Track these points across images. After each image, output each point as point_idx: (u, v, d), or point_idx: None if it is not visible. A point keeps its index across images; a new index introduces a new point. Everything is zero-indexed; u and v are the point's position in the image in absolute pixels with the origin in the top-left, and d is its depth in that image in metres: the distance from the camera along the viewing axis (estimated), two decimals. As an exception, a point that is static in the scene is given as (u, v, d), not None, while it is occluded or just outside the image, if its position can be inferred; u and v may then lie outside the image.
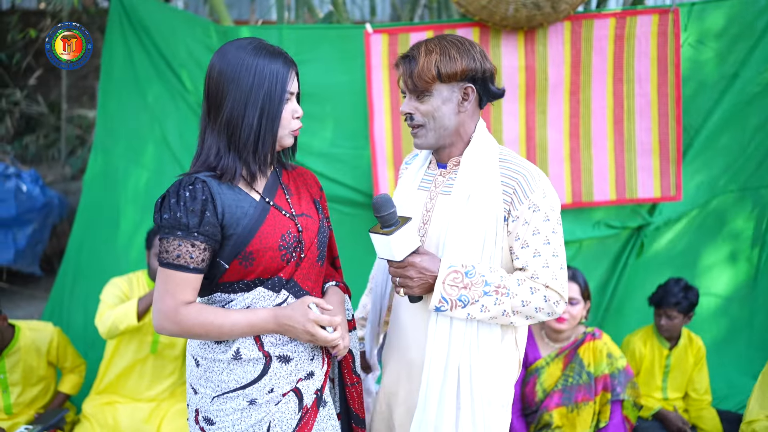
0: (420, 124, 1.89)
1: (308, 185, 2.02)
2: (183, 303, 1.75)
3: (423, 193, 1.99)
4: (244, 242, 1.77)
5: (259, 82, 1.75)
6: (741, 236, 3.96)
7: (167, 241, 1.74)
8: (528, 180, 1.87)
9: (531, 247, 1.84)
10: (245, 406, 1.81)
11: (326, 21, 4.91)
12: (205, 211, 1.73)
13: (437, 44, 1.86)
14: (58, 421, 3.27)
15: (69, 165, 6.57)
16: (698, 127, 3.73)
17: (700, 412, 3.51)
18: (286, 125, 1.82)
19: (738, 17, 3.63)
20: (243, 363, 1.81)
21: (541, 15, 3.37)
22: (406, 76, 1.86)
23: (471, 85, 1.88)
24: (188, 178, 1.75)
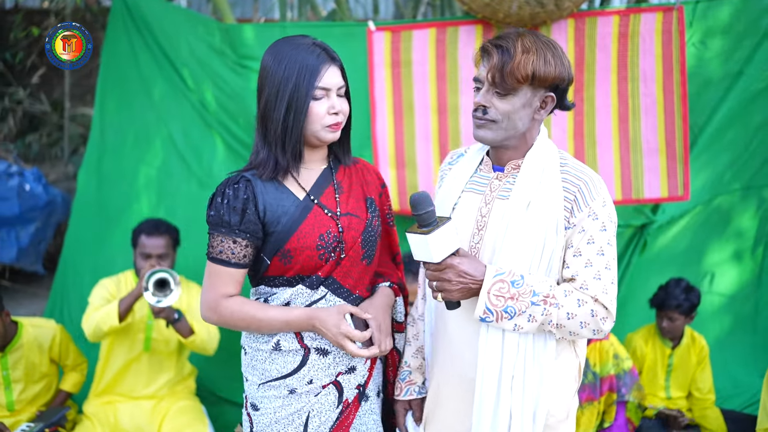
0: (493, 120, 1.77)
1: (365, 182, 2.02)
2: (224, 295, 1.86)
3: (475, 197, 1.88)
4: (283, 240, 1.84)
5: (288, 75, 1.80)
6: (745, 234, 3.95)
7: (212, 236, 1.84)
8: (590, 187, 1.78)
9: (584, 256, 1.75)
10: (286, 395, 1.89)
11: (329, 19, 4.91)
12: (246, 209, 1.81)
13: (534, 43, 1.74)
14: (60, 419, 3.27)
15: (72, 164, 6.56)
16: (702, 125, 3.72)
17: (704, 412, 3.50)
18: (317, 120, 1.83)
19: (743, 15, 3.62)
20: (283, 354, 1.89)
21: (544, 12, 3.35)
22: (496, 68, 1.72)
23: (553, 94, 1.78)
24: (234, 177, 1.85)
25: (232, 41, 3.87)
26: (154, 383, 3.41)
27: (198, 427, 3.26)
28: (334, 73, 1.85)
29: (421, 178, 3.69)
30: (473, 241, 1.85)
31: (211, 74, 3.94)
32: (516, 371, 1.78)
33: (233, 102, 3.93)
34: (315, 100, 1.82)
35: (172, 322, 3.17)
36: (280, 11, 4.76)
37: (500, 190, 1.84)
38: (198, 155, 4.04)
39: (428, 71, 3.61)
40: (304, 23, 4.45)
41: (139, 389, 3.40)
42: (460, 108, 3.62)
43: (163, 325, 3.29)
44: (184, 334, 3.21)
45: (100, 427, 3.30)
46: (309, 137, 1.87)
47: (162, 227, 3.38)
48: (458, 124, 3.63)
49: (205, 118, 4.00)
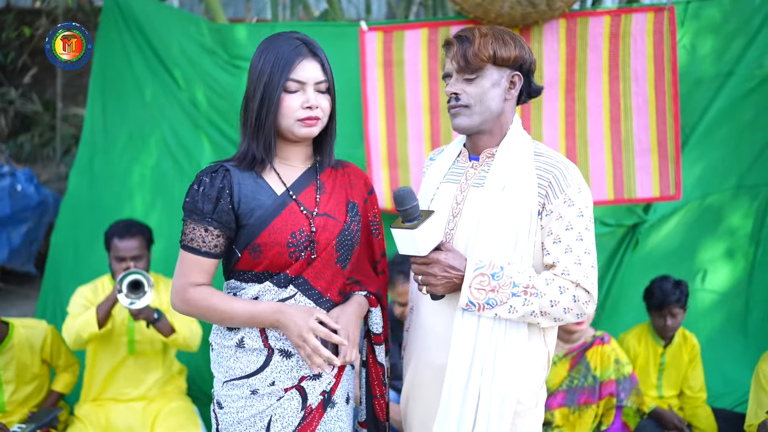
0: (465, 105, 1.85)
1: (351, 185, 1.99)
2: (192, 284, 1.83)
3: (452, 186, 1.94)
4: (254, 233, 1.81)
5: (264, 67, 1.79)
6: (737, 233, 3.97)
7: (185, 223, 1.83)
8: (564, 174, 1.83)
9: (563, 242, 1.79)
10: (248, 395, 1.85)
11: (322, 19, 4.91)
12: (220, 198, 1.79)
13: (490, 29, 1.85)
14: (52, 419, 3.25)
15: (64, 164, 6.54)
16: (694, 124, 3.74)
17: (695, 410, 3.51)
18: (289, 113, 1.80)
19: (733, 15, 3.64)
20: (246, 352, 1.85)
21: (536, 13, 3.36)
22: (459, 55, 1.83)
23: (518, 73, 1.87)
24: (213, 166, 1.84)
25: (224, 41, 3.87)
26: (143, 384, 3.39)
27: (190, 428, 3.25)
28: (312, 67, 1.81)
29: (414, 178, 3.69)
30: (448, 227, 1.90)
31: (203, 74, 3.94)
32: (487, 356, 1.82)
33: (225, 101, 3.93)
34: (289, 93, 1.80)
35: (152, 322, 3.15)
36: (272, 11, 4.76)
37: (475, 178, 1.90)
38: (189, 155, 4.04)
39: (420, 71, 3.62)
40: (296, 23, 4.45)
41: (129, 391, 3.38)
42: (452, 108, 3.62)
43: (145, 326, 3.28)
44: (165, 333, 3.20)
45: (92, 428, 3.28)
46: (284, 131, 1.84)
47: (134, 228, 3.33)
48: (450, 123, 3.63)
49: (196, 117, 3.99)
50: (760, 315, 4.05)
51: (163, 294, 3.39)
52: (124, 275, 3.02)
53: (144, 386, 3.38)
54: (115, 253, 3.29)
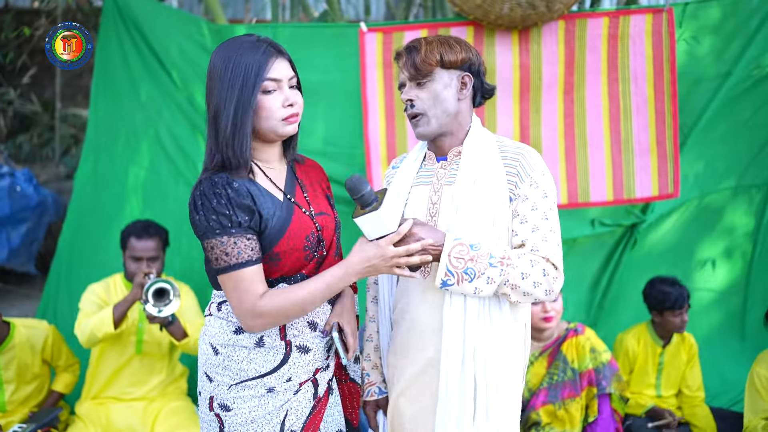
0: (421, 112, 1.93)
1: (319, 178, 2.04)
2: (258, 296, 1.75)
3: (424, 188, 2.00)
4: (272, 242, 1.80)
5: (235, 75, 1.76)
6: (734, 232, 3.99)
7: (222, 243, 1.74)
8: (528, 159, 1.92)
9: (530, 222, 1.86)
10: (263, 394, 1.85)
11: (321, 20, 4.92)
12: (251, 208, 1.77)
13: (436, 37, 1.95)
14: (52, 419, 3.26)
15: (63, 164, 6.55)
16: (692, 124, 3.75)
17: (693, 410, 3.53)
18: (272, 114, 1.80)
19: (731, 16, 3.66)
20: (265, 351, 1.85)
21: (535, 14, 3.38)
22: (409, 64, 1.92)
23: (467, 73, 1.96)
24: (218, 179, 1.76)
25: (224, 42, 3.87)
26: (145, 385, 3.40)
27: (190, 428, 3.26)
28: (283, 65, 1.82)
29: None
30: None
31: (202, 75, 3.92)
32: (477, 340, 1.86)
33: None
34: (267, 93, 1.79)
35: (166, 326, 3.16)
36: (273, 12, 4.77)
37: (446, 177, 1.96)
38: (186, 156, 4.04)
39: (420, 72, 3.62)
40: (296, 24, 4.45)
41: (131, 391, 3.39)
42: (452, 108, 3.64)
43: (155, 328, 3.29)
44: (177, 337, 3.21)
45: (93, 427, 3.29)
46: (267, 133, 1.83)
47: (152, 229, 3.37)
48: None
49: (194, 118, 4.00)
50: (758, 314, 4.06)
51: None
52: (151, 284, 3.03)
53: (147, 387, 3.40)
54: (131, 252, 3.32)
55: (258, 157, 1.89)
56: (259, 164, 1.89)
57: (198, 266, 4.00)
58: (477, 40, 3.57)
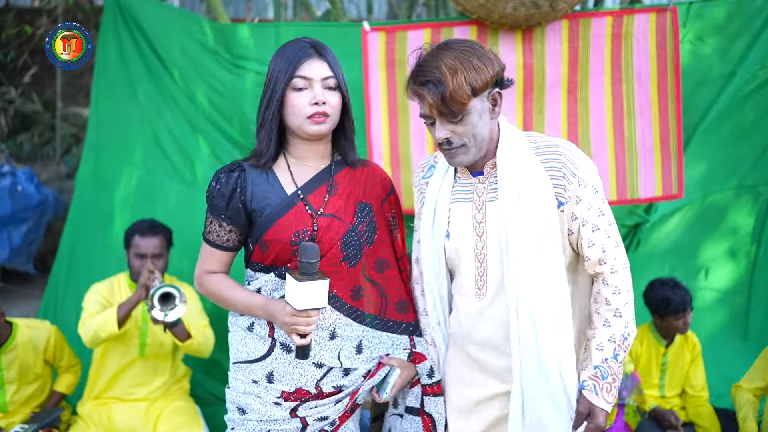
0: (461, 145, 1.79)
1: (367, 186, 2.02)
2: (207, 271, 2.00)
3: (465, 205, 1.90)
4: (262, 230, 1.91)
5: (273, 71, 1.89)
6: (738, 232, 3.99)
7: (207, 216, 1.97)
8: (570, 157, 1.84)
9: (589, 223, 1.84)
10: (249, 382, 1.97)
11: (324, 19, 4.91)
12: (233, 197, 1.90)
13: (455, 59, 1.73)
14: (54, 420, 3.26)
15: (64, 163, 6.54)
16: (696, 124, 3.75)
17: (697, 410, 3.53)
18: (298, 111, 1.86)
19: (736, 15, 3.65)
20: (255, 338, 1.97)
21: (539, 14, 3.36)
22: (437, 102, 1.71)
23: (497, 89, 1.82)
24: (231, 164, 1.96)
25: (227, 41, 3.87)
26: (148, 386, 3.40)
27: (192, 428, 3.26)
28: (318, 65, 1.87)
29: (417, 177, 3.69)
30: (477, 248, 1.87)
31: (204, 74, 3.94)
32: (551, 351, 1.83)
33: (227, 101, 3.93)
34: (296, 90, 1.86)
35: (169, 327, 3.15)
36: (275, 11, 4.77)
37: (487, 192, 1.87)
38: (185, 155, 4.04)
39: (423, 71, 3.61)
40: (299, 23, 4.45)
41: (134, 392, 3.39)
42: (455, 108, 3.63)
43: (158, 329, 3.28)
44: (181, 338, 3.21)
45: (94, 428, 3.29)
46: (296, 130, 1.91)
47: (156, 227, 3.39)
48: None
49: (194, 118, 3.99)
50: (762, 314, 4.06)
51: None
52: (156, 288, 3.02)
53: (149, 388, 3.39)
54: (135, 250, 3.33)
55: (291, 152, 1.98)
56: (289, 159, 1.97)
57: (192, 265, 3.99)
58: (480, 39, 3.56)
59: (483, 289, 1.87)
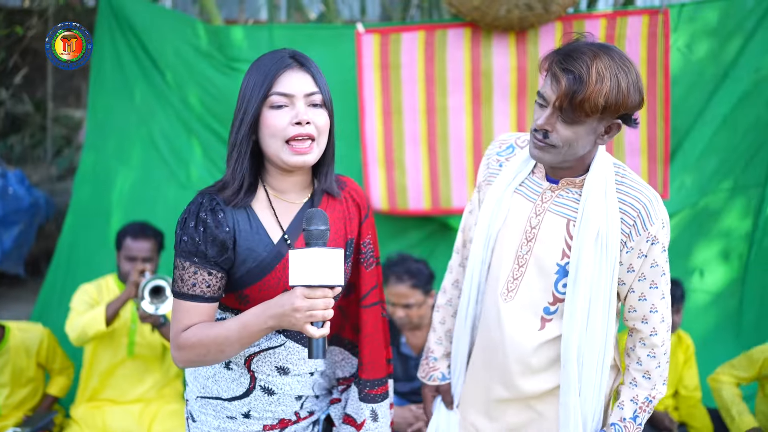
0: (553, 145, 1.68)
1: (349, 217, 1.76)
2: (184, 328, 1.61)
3: (526, 203, 1.83)
4: (242, 285, 1.63)
5: (244, 89, 1.61)
6: (731, 234, 4.00)
7: (182, 267, 1.61)
8: (649, 210, 1.73)
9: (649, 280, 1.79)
10: (224, 418, 1.74)
11: (317, 21, 4.91)
12: (226, 242, 1.59)
13: (608, 67, 1.60)
14: (47, 423, 3.26)
15: (55, 165, 6.51)
16: (689, 127, 3.77)
17: (690, 410, 3.55)
18: (276, 132, 1.56)
19: (727, 18, 3.68)
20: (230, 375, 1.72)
21: (533, 16, 3.38)
22: (565, 96, 1.60)
23: (619, 122, 1.69)
24: (207, 201, 1.61)
25: (221, 43, 3.87)
26: (140, 386, 3.39)
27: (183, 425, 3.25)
28: (299, 78, 1.58)
29: (410, 179, 3.71)
30: (521, 251, 1.82)
31: (198, 76, 3.94)
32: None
33: (220, 104, 3.93)
34: (275, 109, 1.56)
35: (157, 327, 3.15)
36: (269, 13, 4.77)
37: (552, 202, 1.80)
38: (179, 157, 4.05)
39: (417, 73, 3.63)
40: (293, 25, 4.45)
41: (126, 393, 3.38)
42: (449, 110, 3.65)
43: (147, 329, 3.28)
44: (168, 338, 3.19)
45: (88, 430, 3.27)
46: (274, 158, 1.60)
47: (148, 230, 3.38)
48: (446, 125, 3.65)
49: (187, 120, 3.99)
50: (754, 315, 4.08)
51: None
52: (147, 281, 3.02)
53: (142, 388, 3.38)
54: (126, 252, 3.32)
55: (270, 184, 1.67)
56: (270, 192, 1.67)
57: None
58: (474, 41, 3.57)
59: (513, 293, 1.82)
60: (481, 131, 3.62)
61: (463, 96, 3.62)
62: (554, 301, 1.80)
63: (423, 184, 3.72)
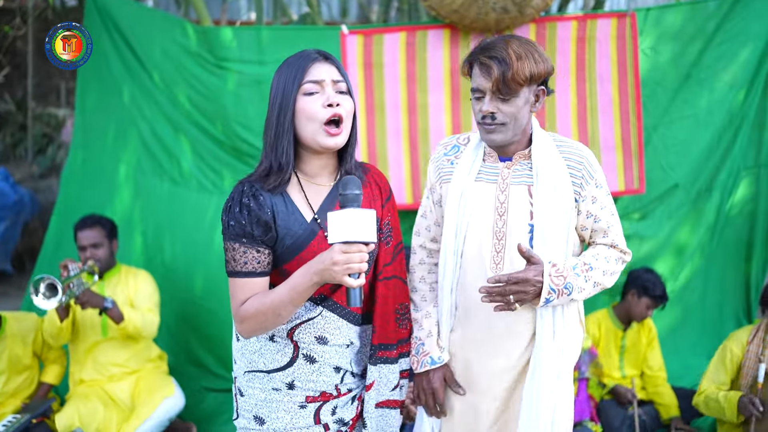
0: (502, 123, 1.95)
1: (372, 198, 1.94)
2: (242, 302, 1.79)
3: (489, 186, 2.05)
4: (283, 261, 1.81)
5: (279, 81, 1.79)
6: (695, 227, 4.17)
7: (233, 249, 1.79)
8: (590, 161, 2.04)
9: (604, 220, 2.04)
10: (269, 390, 1.88)
11: (300, 22, 5.03)
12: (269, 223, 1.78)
13: (521, 47, 1.93)
14: (46, 410, 3.35)
15: (36, 164, 6.54)
16: (656, 124, 3.96)
17: (657, 389, 3.74)
18: (311, 116, 1.76)
19: (690, 21, 3.88)
20: (275, 347, 1.87)
21: (508, 18, 3.56)
22: (498, 78, 1.90)
23: (544, 87, 2.00)
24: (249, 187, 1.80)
25: (210, 43, 3.97)
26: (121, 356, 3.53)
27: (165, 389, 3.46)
28: (327, 67, 1.78)
29: (392, 174, 3.85)
30: (497, 226, 2.03)
31: (186, 76, 4.03)
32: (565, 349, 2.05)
33: (209, 103, 4.03)
34: (307, 96, 1.76)
35: (103, 310, 3.33)
36: (257, 14, 4.87)
37: (511, 177, 2.03)
38: (169, 155, 4.13)
39: (399, 72, 3.79)
40: (280, 27, 4.55)
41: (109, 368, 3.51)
42: (429, 107, 3.81)
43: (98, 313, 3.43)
44: (116, 320, 3.36)
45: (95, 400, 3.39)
46: (309, 141, 1.79)
47: (93, 219, 3.56)
48: (427, 122, 3.82)
49: (176, 119, 4.08)
50: (715, 304, 4.26)
51: (131, 280, 3.58)
52: (40, 278, 3.09)
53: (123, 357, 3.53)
54: (78, 243, 3.52)
55: (302, 169, 1.86)
56: (301, 177, 1.86)
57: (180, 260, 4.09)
58: (453, 42, 3.74)
59: (500, 264, 2.02)
60: (461, 127, 3.78)
61: (442, 94, 3.79)
62: None
63: (405, 178, 3.87)
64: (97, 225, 3.53)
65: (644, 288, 3.64)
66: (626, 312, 3.73)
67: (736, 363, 3.24)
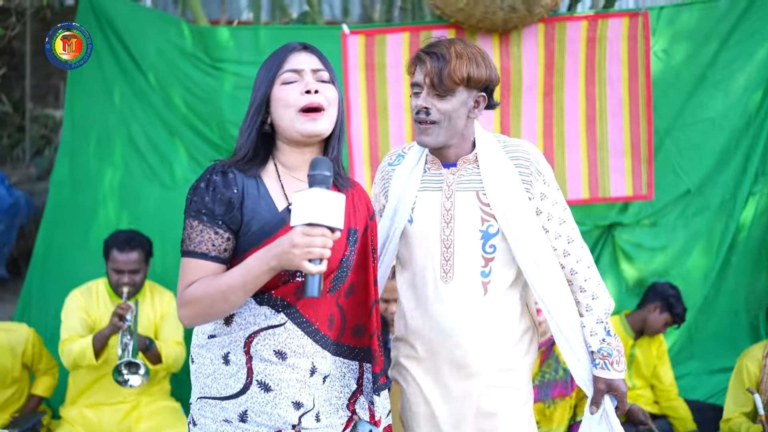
0: (435, 121, 1.91)
1: (354, 210, 1.82)
2: (189, 285, 1.64)
3: (434, 194, 1.99)
4: (245, 248, 1.66)
5: (257, 79, 1.74)
6: (708, 234, 4.06)
7: (191, 226, 1.66)
8: (536, 157, 2.00)
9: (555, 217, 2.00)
10: (220, 421, 1.71)
11: (299, 21, 4.93)
12: (232, 200, 1.65)
13: (464, 49, 1.91)
14: (35, 424, 3.25)
15: (34, 165, 6.45)
16: (668, 128, 3.85)
17: (670, 403, 3.64)
18: (288, 103, 1.67)
19: (705, 20, 3.77)
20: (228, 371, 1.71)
21: (516, 18, 3.44)
22: (434, 73, 1.88)
23: (484, 94, 1.95)
24: (220, 165, 1.69)
25: (206, 44, 3.88)
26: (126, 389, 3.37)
27: (176, 426, 3.26)
28: (306, 56, 1.72)
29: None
30: (444, 234, 1.97)
31: (181, 77, 3.94)
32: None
33: (205, 104, 3.94)
34: (286, 84, 1.68)
35: (143, 351, 3.18)
36: (254, 14, 4.78)
37: (456, 183, 1.98)
38: (162, 158, 4.04)
39: (402, 73, 3.68)
40: (279, 26, 4.46)
41: (115, 394, 3.36)
42: (433, 109, 3.70)
43: None
44: (152, 361, 3.23)
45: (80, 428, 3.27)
46: (287, 130, 1.69)
47: (134, 242, 3.33)
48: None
49: (170, 121, 3.99)
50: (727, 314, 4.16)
51: (157, 302, 3.43)
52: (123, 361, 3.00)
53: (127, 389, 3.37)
54: (113, 264, 3.30)
55: (282, 161, 1.75)
56: (280, 168, 1.75)
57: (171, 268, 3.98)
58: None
59: (450, 272, 1.97)
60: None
61: (446, 96, 3.67)
62: (485, 263, 1.96)
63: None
64: (138, 247, 3.31)
65: (669, 305, 3.56)
66: (641, 322, 3.62)
67: (755, 381, 3.13)
